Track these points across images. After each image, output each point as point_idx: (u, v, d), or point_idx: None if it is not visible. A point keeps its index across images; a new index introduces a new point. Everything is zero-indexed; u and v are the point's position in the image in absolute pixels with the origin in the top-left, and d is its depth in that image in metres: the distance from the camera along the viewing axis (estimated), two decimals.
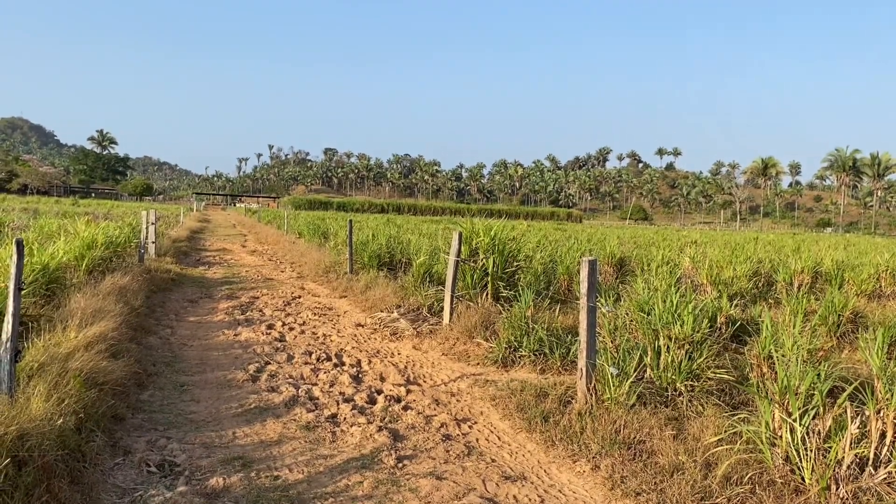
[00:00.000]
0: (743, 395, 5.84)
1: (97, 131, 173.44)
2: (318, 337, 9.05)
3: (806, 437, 4.22)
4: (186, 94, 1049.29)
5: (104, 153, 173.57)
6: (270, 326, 9.53)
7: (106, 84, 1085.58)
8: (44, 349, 5.45)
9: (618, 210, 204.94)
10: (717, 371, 5.86)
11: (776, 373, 5.88)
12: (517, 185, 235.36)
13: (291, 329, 9.49)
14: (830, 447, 4.14)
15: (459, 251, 9.07)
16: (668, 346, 5.90)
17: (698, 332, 5.97)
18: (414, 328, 9.19)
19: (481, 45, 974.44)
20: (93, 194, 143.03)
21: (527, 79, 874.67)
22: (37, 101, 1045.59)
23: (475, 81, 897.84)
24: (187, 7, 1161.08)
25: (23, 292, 4.76)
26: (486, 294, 9.57)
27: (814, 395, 4.46)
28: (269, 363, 7.40)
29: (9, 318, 4.39)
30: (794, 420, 4.29)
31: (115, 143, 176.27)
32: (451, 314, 8.92)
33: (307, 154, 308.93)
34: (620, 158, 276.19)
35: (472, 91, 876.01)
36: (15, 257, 4.38)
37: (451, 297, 8.97)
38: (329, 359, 7.75)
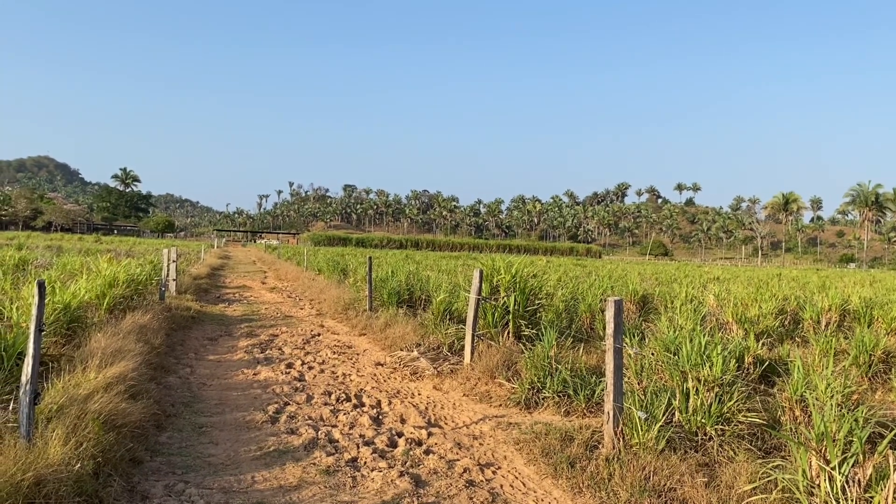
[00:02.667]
0: (775, 439, 5.65)
1: (120, 169, 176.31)
2: (337, 376, 8.95)
3: (846, 487, 4.05)
4: (208, 132, 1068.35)
5: (127, 191, 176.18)
6: (290, 365, 9.45)
7: (130, 123, 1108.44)
8: (63, 390, 5.40)
9: (637, 245, 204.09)
10: (748, 414, 5.68)
11: (810, 417, 5.70)
12: (536, 220, 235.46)
13: (311, 368, 9.40)
14: (872, 497, 3.97)
15: (480, 289, 8.98)
16: (696, 389, 5.74)
17: (727, 373, 5.81)
18: (434, 367, 9.07)
19: (498, 81, 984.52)
20: (115, 231, 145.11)
21: (544, 113, 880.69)
22: (62, 140, 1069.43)
23: (492, 116, 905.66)
24: (210, 47, 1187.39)
25: (44, 332, 4.74)
26: (508, 332, 9.45)
27: (852, 441, 4.30)
28: (289, 404, 7.31)
29: (29, 361, 4.35)
30: (833, 468, 4.12)
31: (138, 180, 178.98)
32: (471, 353, 8.79)
33: (327, 190, 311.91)
34: (639, 194, 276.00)
35: (489, 126, 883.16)
36: (36, 299, 4.35)
37: (472, 335, 8.85)
38: (349, 399, 7.64)
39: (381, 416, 7.00)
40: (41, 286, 4.38)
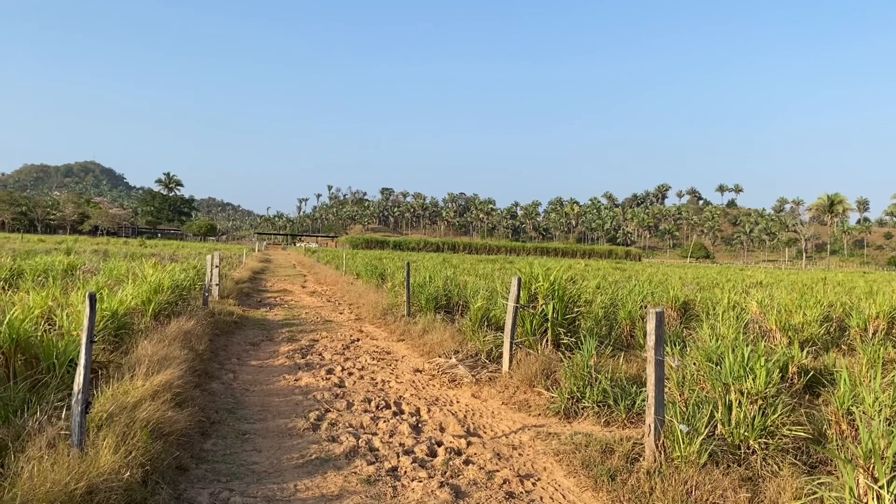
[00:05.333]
0: (820, 453, 5.55)
1: (164, 174, 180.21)
2: (376, 383, 9.02)
3: None
4: (250, 138, 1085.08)
5: (170, 195, 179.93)
6: (330, 371, 9.55)
7: (173, 128, 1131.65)
8: (112, 398, 5.55)
9: (678, 248, 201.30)
10: (793, 428, 5.58)
11: (857, 431, 5.59)
12: (573, 222, 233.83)
13: (350, 374, 9.49)
14: None
15: (518, 297, 8.97)
16: (739, 402, 5.66)
17: (771, 386, 5.72)
18: (473, 375, 9.09)
19: (534, 82, 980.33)
20: (159, 235, 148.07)
21: (581, 115, 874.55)
22: (108, 145, 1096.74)
23: (529, 118, 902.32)
24: (249, 58, 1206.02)
25: (94, 342, 4.87)
26: (546, 340, 9.42)
27: None
28: (329, 411, 7.39)
29: (80, 371, 4.49)
30: (881, 487, 4.04)
31: (181, 185, 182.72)
32: (510, 361, 8.79)
33: (364, 194, 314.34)
34: (680, 195, 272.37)
35: (524, 129, 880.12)
36: (87, 310, 4.49)
37: (511, 343, 8.84)
38: (388, 406, 7.70)
39: (420, 425, 7.04)
40: (92, 299, 4.51)
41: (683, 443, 5.24)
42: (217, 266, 17.12)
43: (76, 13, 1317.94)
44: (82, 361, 4.48)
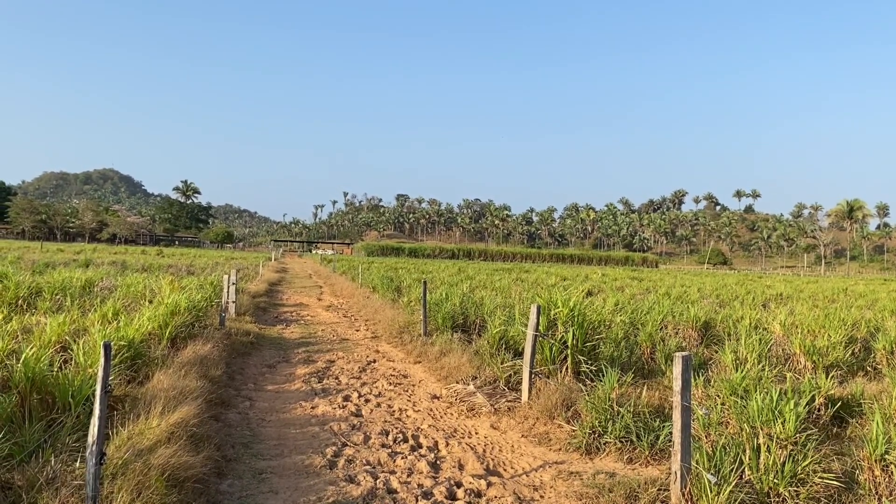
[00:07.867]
0: (853, 501, 5.37)
1: (181, 181, 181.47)
2: (393, 412, 8.91)
3: None
4: (266, 145, 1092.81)
5: (188, 202, 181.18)
6: (347, 398, 9.46)
7: (190, 136, 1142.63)
8: (128, 440, 5.48)
9: (695, 254, 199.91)
10: (825, 475, 5.40)
11: (891, 476, 5.41)
12: (589, 228, 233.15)
13: (367, 401, 9.39)
14: None
15: (538, 325, 8.83)
16: (768, 446, 5.50)
17: (801, 430, 5.55)
18: (491, 404, 8.95)
19: (547, 87, 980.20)
20: (177, 242, 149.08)
21: (596, 120, 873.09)
22: (126, 153, 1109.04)
23: (544, 123, 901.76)
24: (265, 67, 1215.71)
25: (109, 393, 4.80)
26: (566, 368, 9.27)
27: None
28: (347, 445, 7.29)
29: (95, 421, 4.41)
30: None
31: (199, 192, 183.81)
32: (529, 391, 8.65)
33: (380, 200, 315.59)
34: (697, 201, 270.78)
35: (540, 134, 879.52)
36: (102, 361, 4.41)
37: (530, 372, 8.71)
38: (406, 440, 7.58)
39: (438, 461, 6.91)
40: (107, 349, 4.44)
41: (711, 492, 5.08)
42: (234, 283, 17.11)
43: (96, 22, 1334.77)
44: (97, 412, 4.40)
